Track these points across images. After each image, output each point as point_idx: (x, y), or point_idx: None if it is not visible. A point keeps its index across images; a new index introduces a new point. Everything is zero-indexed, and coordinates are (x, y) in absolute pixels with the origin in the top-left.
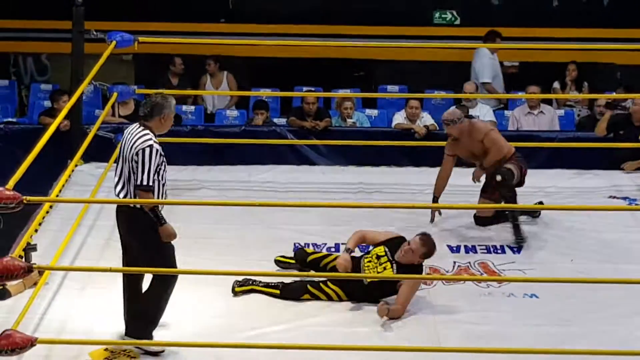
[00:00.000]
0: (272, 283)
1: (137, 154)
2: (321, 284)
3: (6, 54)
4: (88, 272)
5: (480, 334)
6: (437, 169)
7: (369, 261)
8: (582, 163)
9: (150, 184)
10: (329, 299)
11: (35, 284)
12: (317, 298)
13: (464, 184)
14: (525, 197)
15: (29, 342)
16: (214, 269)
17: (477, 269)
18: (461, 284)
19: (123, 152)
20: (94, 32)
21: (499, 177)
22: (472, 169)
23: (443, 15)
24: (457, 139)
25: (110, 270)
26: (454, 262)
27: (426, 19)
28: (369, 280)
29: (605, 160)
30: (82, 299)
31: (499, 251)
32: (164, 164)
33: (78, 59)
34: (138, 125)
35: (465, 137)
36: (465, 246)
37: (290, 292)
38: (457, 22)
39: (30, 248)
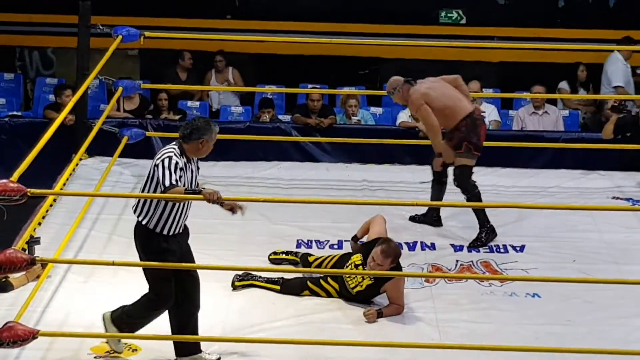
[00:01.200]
0: (272, 278)
1: (156, 165)
2: (321, 280)
3: (12, 47)
4: (91, 265)
5: (482, 333)
6: None
7: (350, 269)
8: (586, 164)
9: (173, 182)
10: (328, 295)
11: (37, 277)
12: (317, 294)
13: None
14: (527, 196)
15: (31, 335)
16: (215, 264)
17: (480, 267)
18: (463, 282)
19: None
20: (100, 27)
21: (456, 183)
22: (477, 168)
23: (449, 15)
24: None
25: (113, 263)
26: (457, 261)
27: (432, 17)
28: (355, 291)
29: (609, 161)
30: (84, 293)
31: (502, 250)
32: (183, 178)
33: (84, 53)
34: (173, 143)
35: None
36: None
37: (290, 288)
38: (463, 21)
39: (33, 241)
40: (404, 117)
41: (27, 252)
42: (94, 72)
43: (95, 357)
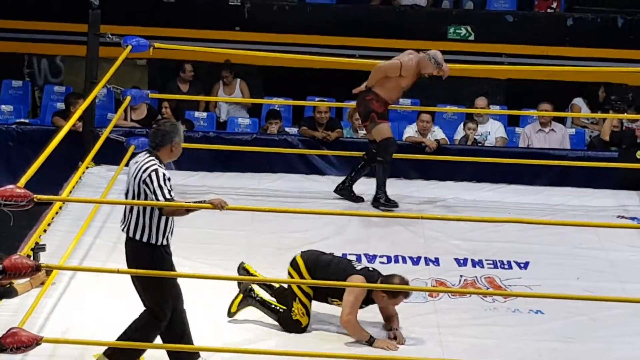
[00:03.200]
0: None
1: (144, 181)
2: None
3: (20, 55)
4: (95, 273)
5: (485, 348)
6: (447, 183)
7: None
8: (591, 182)
9: (169, 197)
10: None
11: (42, 283)
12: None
13: (473, 199)
14: (532, 213)
15: (35, 341)
16: (220, 274)
17: (484, 283)
18: (467, 297)
19: (130, 186)
20: (110, 36)
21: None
22: (479, 185)
23: (457, 31)
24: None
25: (118, 271)
26: (461, 276)
27: (441, 33)
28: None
29: (615, 180)
30: (88, 300)
31: (506, 266)
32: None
33: (92, 61)
34: (145, 154)
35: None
36: (472, 260)
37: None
38: (472, 37)
39: (38, 248)
40: (410, 132)
41: (32, 258)
42: (102, 80)
43: None
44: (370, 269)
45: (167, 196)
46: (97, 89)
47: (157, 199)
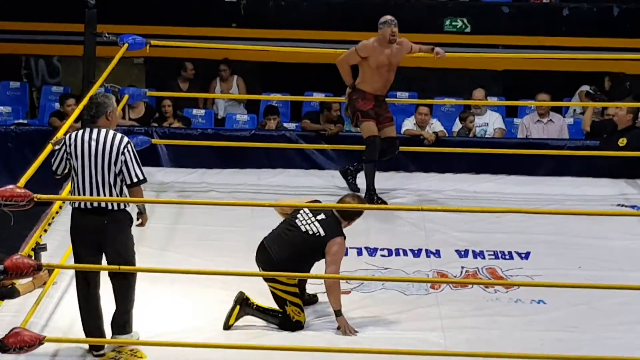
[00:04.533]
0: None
1: (122, 153)
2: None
3: (18, 55)
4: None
5: (487, 339)
6: (446, 175)
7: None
8: (590, 171)
9: (144, 176)
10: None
11: (44, 283)
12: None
13: (473, 190)
14: (532, 203)
15: (37, 341)
16: (218, 270)
17: (485, 274)
18: (469, 288)
19: (93, 158)
20: (106, 35)
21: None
22: (478, 176)
23: (454, 23)
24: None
25: (119, 269)
26: (462, 267)
27: (437, 26)
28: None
29: (614, 169)
30: None
31: (507, 257)
32: None
33: (90, 61)
34: (92, 128)
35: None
36: (473, 251)
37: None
38: (468, 29)
39: (39, 247)
40: (408, 124)
41: (33, 258)
42: (99, 80)
43: None
44: (317, 219)
45: (141, 177)
46: (95, 88)
47: (135, 172)
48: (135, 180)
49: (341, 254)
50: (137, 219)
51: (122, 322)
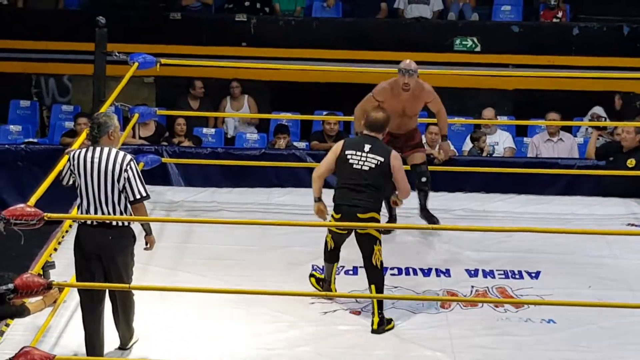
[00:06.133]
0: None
1: (125, 170)
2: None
3: (28, 74)
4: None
5: (497, 358)
6: (455, 194)
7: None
8: (600, 191)
9: (147, 193)
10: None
11: (54, 302)
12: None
13: (483, 209)
14: (542, 223)
15: None
16: (228, 288)
17: (495, 293)
18: (479, 308)
19: (96, 175)
20: (117, 54)
21: (424, 179)
22: (488, 195)
23: (464, 42)
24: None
25: (129, 288)
26: (472, 287)
27: (447, 45)
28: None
29: (625, 188)
30: None
31: (517, 276)
32: None
33: (100, 80)
34: (95, 147)
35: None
36: (483, 270)
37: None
38: (478, 49)
39: (49, 266)
40: None
41: (42, 277)
42: (110, 98)
43: None
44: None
45: (144, 193)
46: (105, 106)
47: (138, 188)
48: (138, 196)
49: (401, 163)
50: (146, 243)
51: (128, 337)
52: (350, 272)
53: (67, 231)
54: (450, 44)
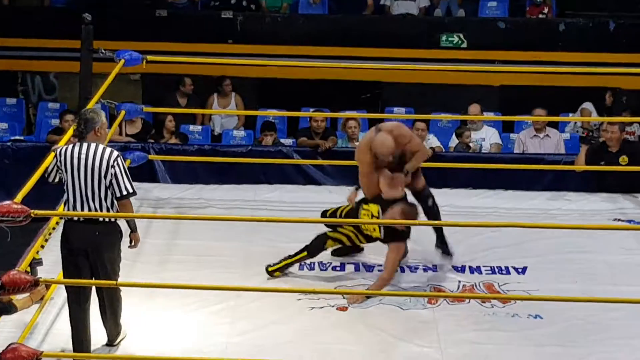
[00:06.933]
0: (297, 251)
1: (112, 166)
2: (338, 229)
3: (14, 72)
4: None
5: (484, 354)
6: (443, 190)
7: (365, 214)
8: (587, 186)
9: (133, 189)
10: (351, 241)
11: (41, 298)
12: (341, 242)
13: (470, 205)
14: (528, 218)
15: (35, 356)
16: (216, 285)
17: (482, 289)
18: (466, 303)
19: (82, 171)
20: (103, 51)
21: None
22: (474, 191)
23: (450, 39)
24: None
25: (117, 285)
26: (459, 282)
27: (433, 41)
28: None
29: (611, 184)
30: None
31: (504, 272)
32: None
33: (86, 77)
34: (82, 143)
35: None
36: (470, 267)
37: (315, 249)
38: (464, 45)
39: (36, 262)
40: None
41: (29, 273)
42: (96, 96)
43: None
44: None
45: (130, 190)
46: (91, 104)
47: (125, 185)
48: (124, 193)
49: None
50: (130, 241)
51: (115, 333)
52: (338, 268)
53: (54, 228)
54: (437, 40)
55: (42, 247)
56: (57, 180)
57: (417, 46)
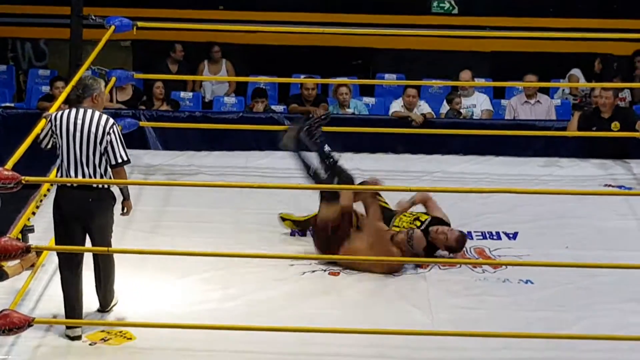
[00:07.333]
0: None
1: (108, 133)
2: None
3: (4, 38)
4: (85, 253)
5: (474, 318)
6: (434, 156)
7: (405, 216)
8: (578, 152)
9: (128, 157)
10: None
11: (32, 265)
12: None
13: (461, 171)
14: (519, 184)
15: (26, 322)
16: (206, 251)
17: (473, 254)
18: (457, 268)
19: (78, 137)
20: (93, 17)
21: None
22: (465, 157)
23: (441, 5)
24: None
25: (108, 251)
26: None
27: (424, 7)
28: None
29: (601, 149)
30: None
31: (495, 237)
32: None
33: (76, 44)
34: (78, 108)
35: None
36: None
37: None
38: (455, 11)
39: (27, 229)
40: (396, 107)
41: (21, 240)
42: (86, 62)
43: (90, 345)
44: None
45: (125, 158)
46: (81, 71)
47: (120, 152)
48: (119, 160)
49: None
50: (122, 209)
51: (109, 299)
52: None
53: (45, 195)
54: (428, 7)
55: (34, 213)
56: (49, 146)
57: (409, 12)
